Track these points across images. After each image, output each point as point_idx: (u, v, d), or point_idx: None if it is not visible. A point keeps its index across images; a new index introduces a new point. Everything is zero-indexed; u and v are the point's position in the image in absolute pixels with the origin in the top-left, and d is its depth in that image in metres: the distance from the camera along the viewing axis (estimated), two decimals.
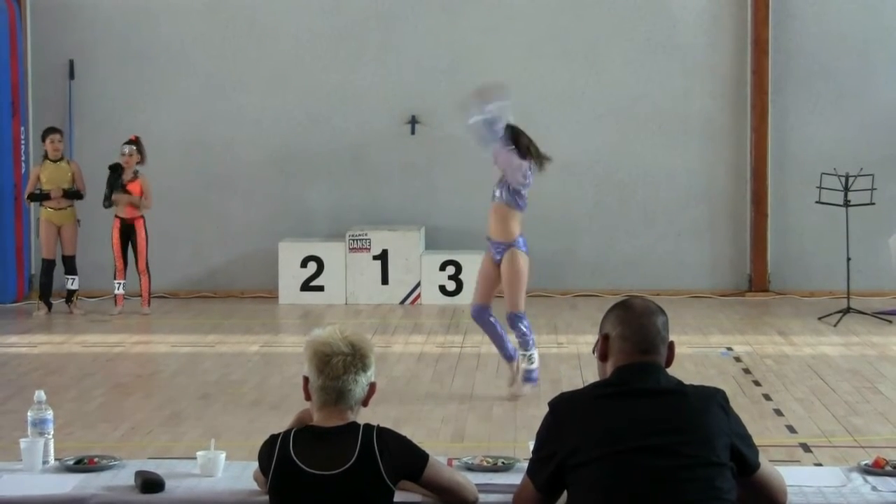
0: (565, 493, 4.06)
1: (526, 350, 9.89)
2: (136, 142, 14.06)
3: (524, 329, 9.87)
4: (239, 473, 4.69)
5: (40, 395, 5.02)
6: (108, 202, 14.00)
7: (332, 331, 4.32)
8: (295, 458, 4.17)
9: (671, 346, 4.16)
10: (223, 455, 4.75)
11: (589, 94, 15.51)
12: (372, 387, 4.33)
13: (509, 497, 4.27)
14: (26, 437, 4.90)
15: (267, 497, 4.28)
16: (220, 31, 15.63)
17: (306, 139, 15.60)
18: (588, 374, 10.64)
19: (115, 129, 14.92)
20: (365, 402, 4.32)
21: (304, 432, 4.25)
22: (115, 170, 14.01)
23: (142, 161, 14.06)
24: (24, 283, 15.23)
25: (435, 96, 15.46)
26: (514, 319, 9.86)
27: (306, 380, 4.30)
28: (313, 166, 15.60)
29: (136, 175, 14.00)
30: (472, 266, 14.89)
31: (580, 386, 4.47)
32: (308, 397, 4.32)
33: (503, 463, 4.83)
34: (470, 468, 4.77)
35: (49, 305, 14.23)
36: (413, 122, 15.55)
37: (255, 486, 4.49)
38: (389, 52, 15.57)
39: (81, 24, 15.58)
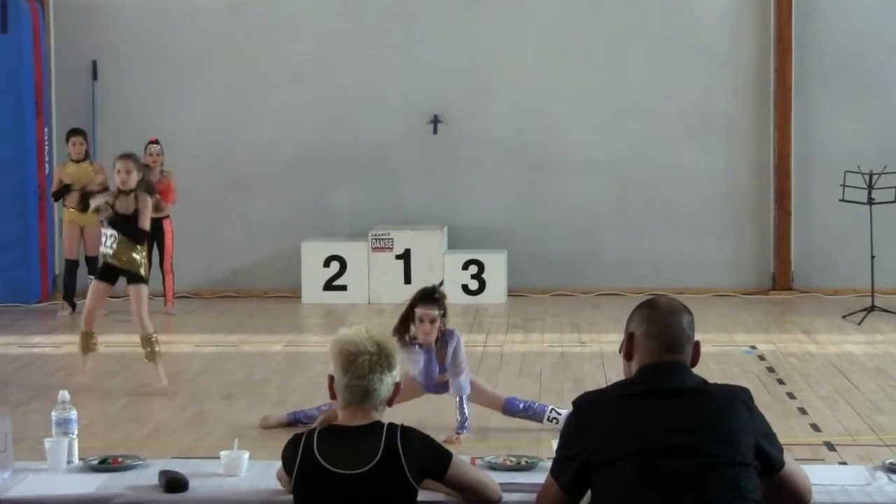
0: (589, 493, 4.06)
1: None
2: (158, 142, 14.10)
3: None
4: (262, 473, 4.70)
5: (64, 395, 5.04)
6: None
7: (357, 330, 4.32)
8: (319, 457, 4.17)
9: (697, 345, 4.13)
10: (247, 455, 4.76)
11: (611, 93, 15.47)
12: (396, 386, 4.32)
13: (533, 496, 4.26)
14: (51, 437, 4.92)
15: (290, 496, 4.29)
16: (243, 32, 15.65)
17: (328, 139, 15.61)
18: (612, 373, 10.62)
19: (137, 129, 14.93)
20: (389, 402, 4.33)
21: (327, 431, 4.25)
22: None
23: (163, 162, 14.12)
24: (49, 284, 15.28)
25: (457, 96, 15.47)
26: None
27: (331, 378, 4.30)
28: (336, 166, 15.61)
29: (162, 174, 14.02)
30: (495, 265, 14.95)
31: (604, 385, 4.44)
32: (333, 396, 4.32)
33: (527, 462, 4.82)
34: (493, 467, 4.77)
35: (73, 306, 14.24)
36: (435, 121, 15.54)
37: (278, 485, 4.49)
38: (411, 52, 15.57)
39: (104, 24, 15.62)
